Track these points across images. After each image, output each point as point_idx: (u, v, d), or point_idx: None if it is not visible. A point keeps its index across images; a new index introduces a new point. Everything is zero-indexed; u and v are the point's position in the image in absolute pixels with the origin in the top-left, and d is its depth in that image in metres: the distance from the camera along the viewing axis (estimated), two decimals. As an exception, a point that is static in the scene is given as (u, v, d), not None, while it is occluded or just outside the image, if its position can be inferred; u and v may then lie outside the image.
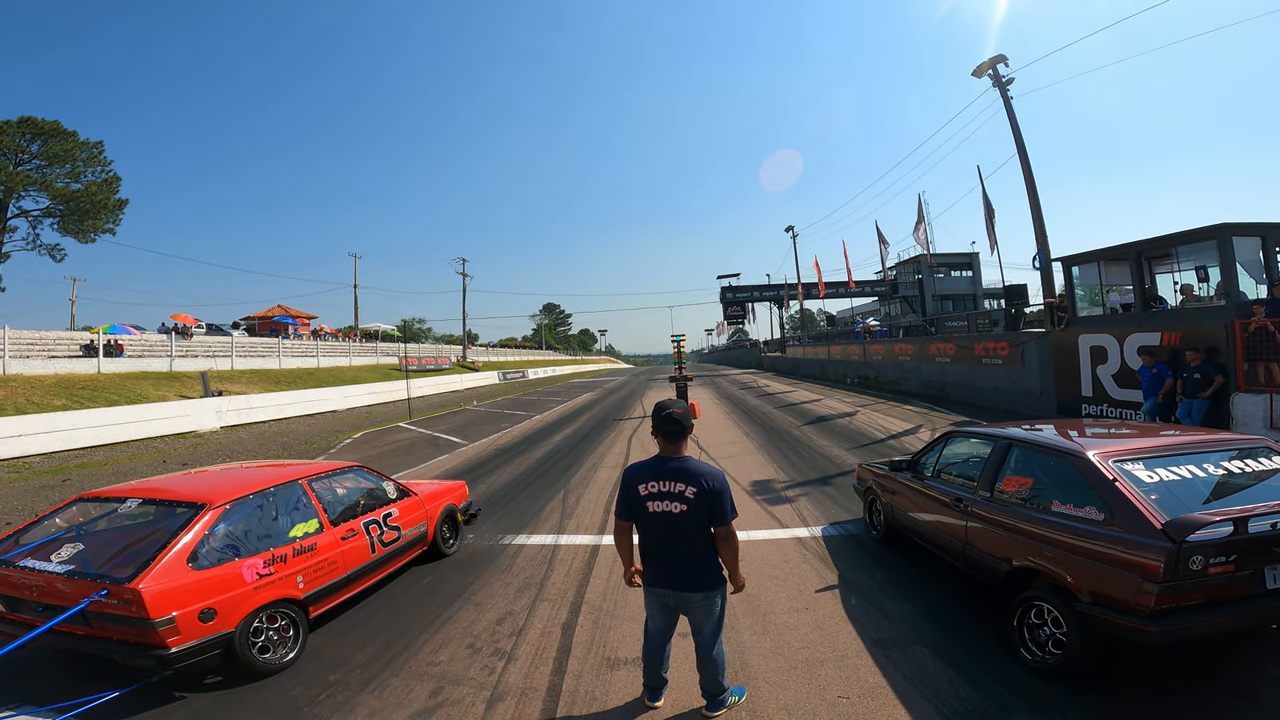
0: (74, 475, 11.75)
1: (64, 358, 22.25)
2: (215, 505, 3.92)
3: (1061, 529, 3.42)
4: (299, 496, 4.54)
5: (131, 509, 4.24)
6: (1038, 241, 16.36)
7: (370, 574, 4.91)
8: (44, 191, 33.09)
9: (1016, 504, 3.86)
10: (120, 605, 3.36)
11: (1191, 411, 10.03)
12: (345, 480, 5.25)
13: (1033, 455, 4.02)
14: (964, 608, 4.24)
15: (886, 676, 3.42)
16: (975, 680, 3.35)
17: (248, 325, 42.39)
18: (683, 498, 2.79)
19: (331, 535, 4.52)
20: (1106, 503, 3.25)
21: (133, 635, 3.42)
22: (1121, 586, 3.03)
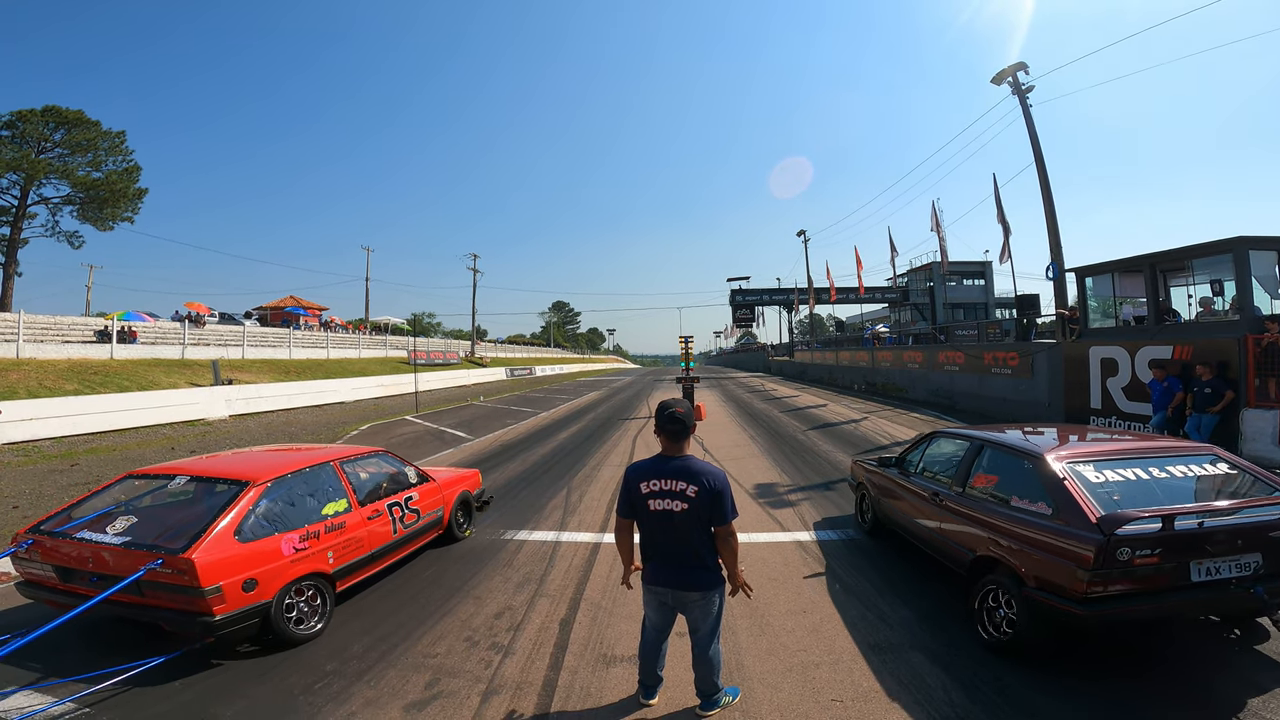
0: (83, 460, 11.88)
1: (78, 343, 22.52)
2: (258, 483, 4.19)
3: (1017, 521, 3.76)
4: (330, 478, 4.83)
5: (179, 485, 4.51)
6: (1052, 252, 16.24)
7: (391, 553, 5.18)
8: (65, 179, 33.44)
9: (983, 499, 4.21)
10: (173, 574, 3.60)
11: (1200, 426, 9.94)
12: (371, 464, 5.48)
13: (1000, 455, 4.36)
14: (961, 614, 4.21)
15: (880, 681, 3.41)
16: (969, 686, 3.34)
17: (260, 315, 42.80)
18: (684, 496, 2.79)
19: (359, 515, 4.80)
20: (1054, 498, 3.59)
21: (182, 603, 3.64)
22: (1060, 573, 3.35)
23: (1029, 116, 17.22)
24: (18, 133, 31.84)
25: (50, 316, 23.94)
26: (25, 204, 33.07)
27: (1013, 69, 17.69)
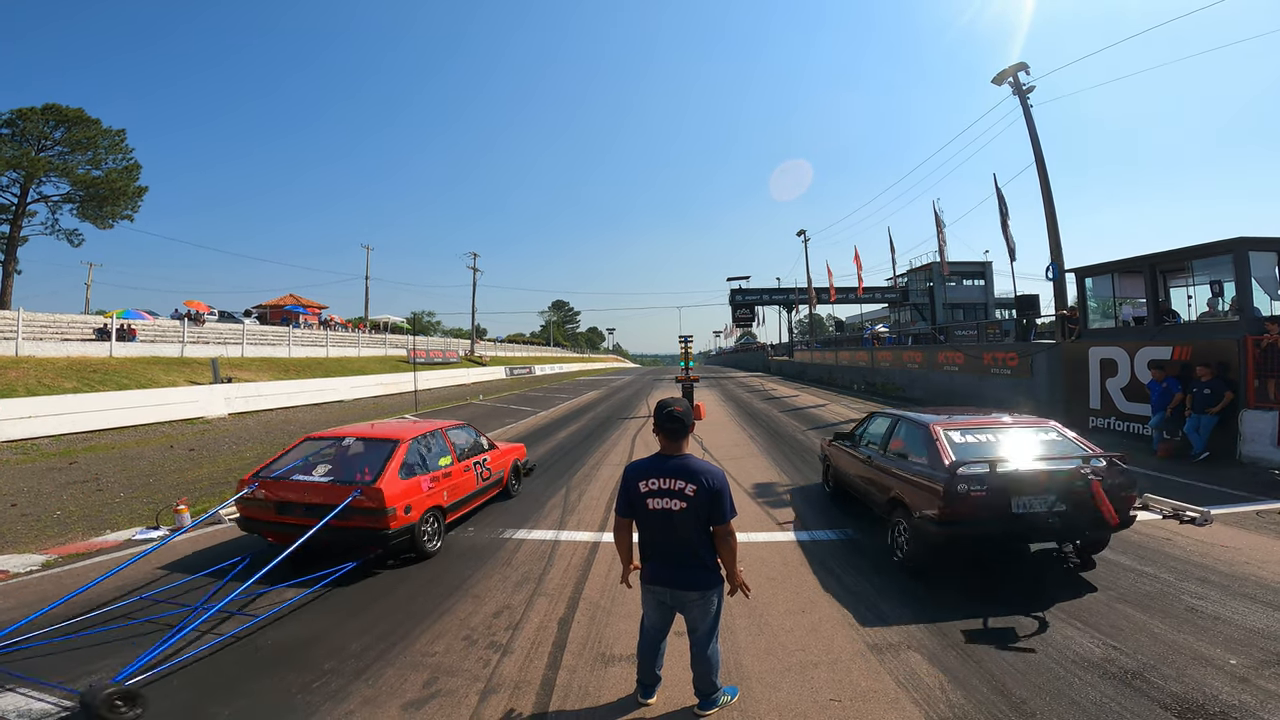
0: (81, 458, 11.88)
1: (77, 341, 22.50)
2: (405, 440, 5.90)
3: (911, 470, 5.24)
4: (440, 440, 6.62)
5: (349, 444, 6.25)
6: (1052, 252, 16.24)
7: (475, 499, 7.02)
8: (65, 177, 33.44)
9: (895, 457, 5.74)
10: (367, 500, 5.14)
11: (1199, 427, 9.96)
12: (461, 433, 7.27)
13: (907, 426, 5.86)
14: (961, 615, 4.22)
15: (879, 681, 3.41)
16: (967, 687, 3.34)
17: (259, 313, 42.77)
18: (682, 495, 2.79)
19: (459, 467, 6.60)
20: (929, 452, 5.08)
21: (370, 522, 5.14)
22: (929, 503, 4.78)
23: (1029, 117, 17.22)
24: (18, 131, 31.83)
25: (49, 314, 23.91)
26: (25, 202, 33.06)
27: (1013, 69, 17.68)
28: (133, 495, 8.62)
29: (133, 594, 4.84)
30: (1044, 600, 4.45)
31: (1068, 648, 3.76)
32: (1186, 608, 4.28)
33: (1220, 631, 3.90)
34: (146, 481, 9.60)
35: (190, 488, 9.07)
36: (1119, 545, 5.62)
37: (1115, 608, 4.31)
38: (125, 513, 7.62)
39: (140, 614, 4.43)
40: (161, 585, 5.09)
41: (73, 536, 6.65)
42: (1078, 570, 5.09)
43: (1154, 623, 4.05)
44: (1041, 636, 3.90)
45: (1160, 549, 5.54)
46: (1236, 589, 4.58)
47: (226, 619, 4.28)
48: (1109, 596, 4.51)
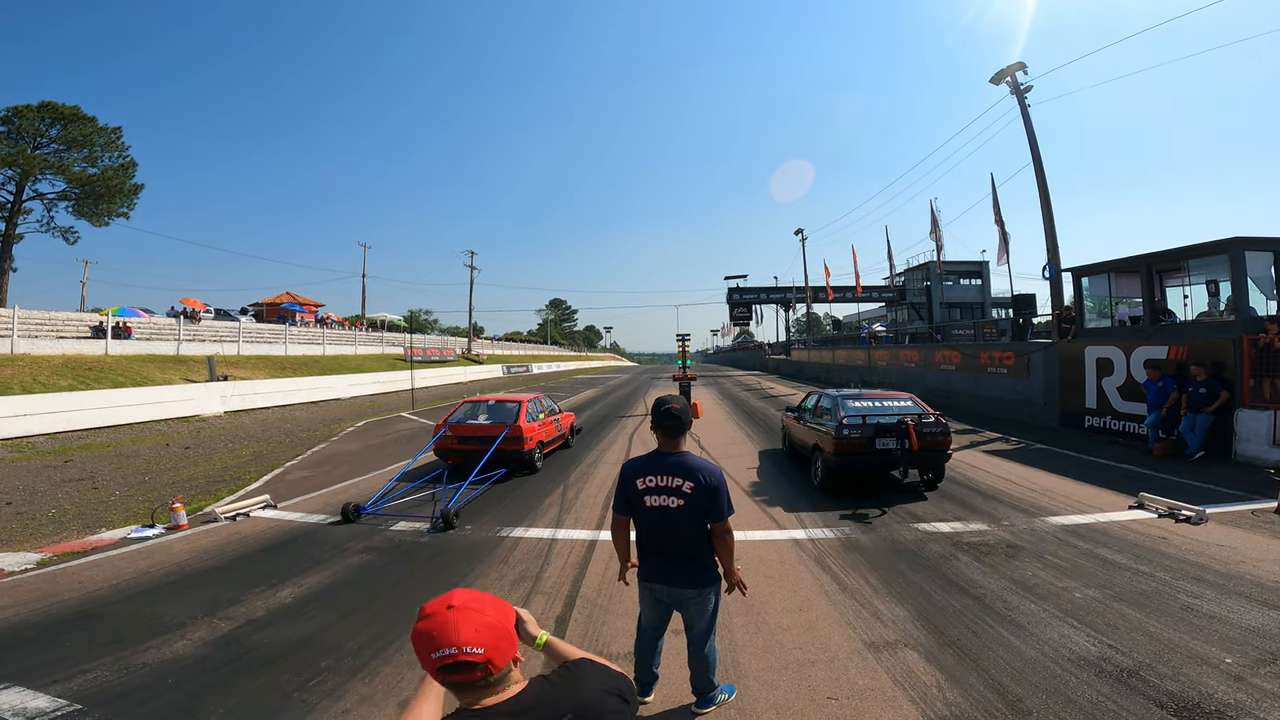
0: (76, 456, 11.84)
1: (72, 338, 22.40)
2: (525, 401, 10.09)
3: (824, 426, 8.16)
4: (538, 403, 10.66)
5: (493, 403, 10.18)
6: (1049, 252, 16.27)
7: (554, 443, 11.18)
8: (60, 175, 33.27)
9: (819, 418, 8.67)
10: (513, 431, 9.17)
11: (1195, 426, 9.98)
12: (546, 400, 11.33)
13: (826, 398, 8.91)
14: (957, 614, 4.23)
15: (875, 679, 3.41)
16: (964, 684, 3.34)
17: (256, 311, 42.59)
18: (680, 492, 2.78)
19: (547, 420, 10.72)
20: (834, 414, 8.02)
21: (515, 446, 9.12)
22: (830, 445, 7.72)
23: (1027, 116, 17.24)
24: (13, 128, 31.65)
25: (45, 312, 23.78)
26: (20, 199, 32.89)
27: (1012, 69, 17.71)
28: (128, 493, 8.59)
29: (129, 593, 4.83)
30: (887, 502, 7.45)
31: (1064, 646, 3.76)
32: (1182, 606, 4.28)
33: (1216, 630, 3.91)
34: (142, 479, 9.56)
35: (186, 486, 9.04)
36: (1115, 544, 5.66)
37: (1111, 606, 4.31)
38: (121, 511, 7.59)
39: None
40: (155, 584, 5.07)
41: (68, 535, 6.63)
42: (923, 489, 8.08)
43: (1150, 621, 4.06)
44: (1037, 635, 3.90)
45: (1156, 548, 5.55)
46: (1232, 588, 4.59)
47: (219, 620, 4.27)
48: (1105, 595, 4.51)
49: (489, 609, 1.26)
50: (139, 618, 4.38)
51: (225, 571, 5.34)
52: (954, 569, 5.14)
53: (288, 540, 6.27)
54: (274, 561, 5.57)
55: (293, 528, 6.74)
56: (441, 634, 1.19)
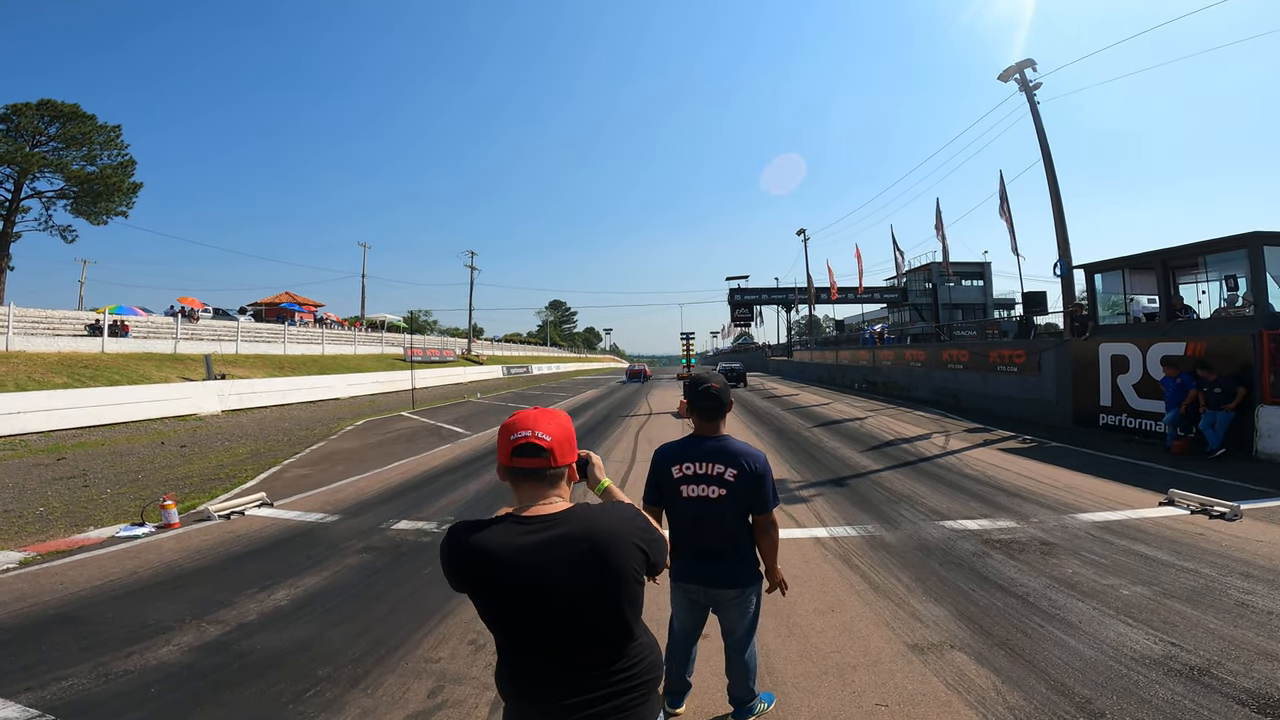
0: (70, 454, 11.55)
1: (69, 336, 22.13)
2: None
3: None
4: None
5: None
6: (1060, 249, 16.02)
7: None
8: (59, 173, 32.94)
9: None
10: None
11: (1215, 423, 9.81)
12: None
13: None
14: (1001, 613, 3.96)
15: (926, 683, 3.14)
16: (1024, 687, 3.09)
17: (254, 311, 42.32)
18: (721, 481, 2.49)
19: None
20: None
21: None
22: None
23: (1036, 113, 17.01)
24: (12, 126, 31.31)
25: (41, 310, 23.51)
26: (19, 197, 32.55)
27: (1020, 65, 17.48)
28: (119, 491, 8.30)
29: (118, 593, 4.54)
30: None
31: (1123, 644, 3.52)
32: (1236, 602, 4.05)
33: (1279, 626, 3.68)
34: (135, 478, 9.27)
35: (180, 484, 8.75)
36: (1152, 541, 5.42)
37: (1164, 603, 4.07)
38: (111, 509, 7.30)
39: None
40: (142, 585, 4.78)
41: (54, 533, 6.34)
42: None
43: (1207, 618, 3.82)
44: (1092, 634, 3.67)
45: (1195, 544, 5.32)
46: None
47: (208, 623, 3.99)
48: (1154, 592, 4.27)
49: (563, 420, 1.51)
50: (123, 620, 4.09)
51: (217, 572, 5.05)
52: (989, 567, 4.87)
53: (284, 539, 5.98)
54: (269, 561, 5.27)
55: (289, 526, 6.45)
56: (522, 421, 1.44)
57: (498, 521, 1.39)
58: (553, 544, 1.33)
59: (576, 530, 1.36)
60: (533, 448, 1.40)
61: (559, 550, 1.33)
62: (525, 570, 1.31)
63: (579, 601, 1.34)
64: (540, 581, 1.32)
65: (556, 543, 1.34)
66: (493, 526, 1.37)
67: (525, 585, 1.32)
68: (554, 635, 1.34)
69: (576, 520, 1.38)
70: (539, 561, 1.32)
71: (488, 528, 1.37)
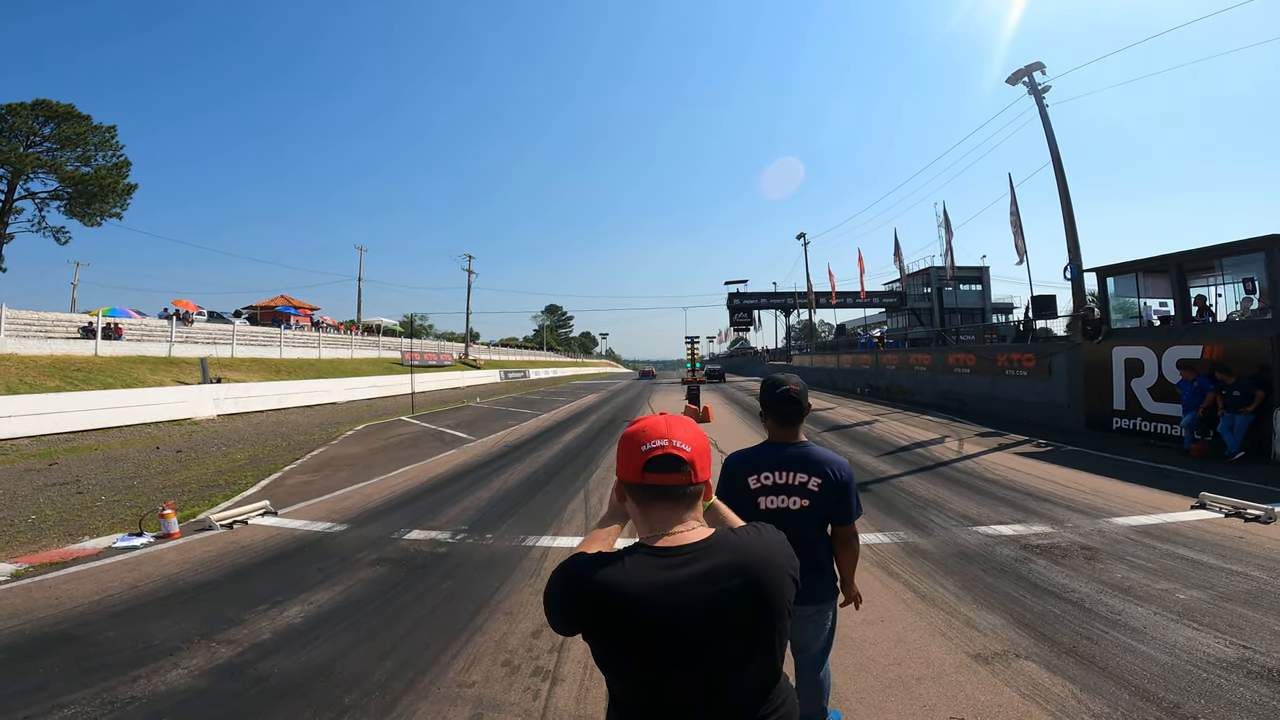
0: (62, 459, 11.22)
1: (61, 339, 21.75)
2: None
3: None
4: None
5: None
6: (1070, 252, 15.91)
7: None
8: (53, 174, 32.56)
9: None
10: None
11: (1234, 426, 9.68)
12: None
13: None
14: (1059, 620, 3.77)
15: (999, 694, 2.97)
16: (1104, 694, 2.93)
17: (250, 314, 41.93)
18: (804, 491, 2.26)
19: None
20: None
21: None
22: None
23: (1045, 116, 16.93)
24: (6, 126, 30.93)
25: (34, 312, 23.11)
26: (12, 199, 32.18)
27: (1029, 69, 17.41)
28: (115, 498, 8.00)
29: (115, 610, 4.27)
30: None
31: (1195, 649, 3.38)
32: (1297, 604, 3.92)
33: (1347, 627, 3.55)
34: (130, 484, 8.97)
35: (178, 491, 8.46)
36: (1193, 544, 5.29)
37: (1223, 607, 3.94)
38: (106, 517, 7.02)
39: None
40: (144, 601, 4.51)
41: (47, 543, 6.05)
42: None
43: (1270, 621, 3.70)
44: (1160, 639, 3.55)
45: (1238, 547, 5.19)
46: (1337, 584, 4.25)
47: (219, 643, 3.74)
48: (1211, 595, 4.14)
49: (695, 426, 1.27)
50: (126, 640, 3.82)
51: (223, 586, 4.78)
52: (1035, 573, 4.68)
53: (291, 550, 5.71)
54: (278, 575, 5.01)
55: (296, 536, 6.18)
56: (653, 429, 1.22)
57: (626, 554, 1.16)
58: (701, 580, 1.12)
59: (727, 562, 1.15)
60: (672, 460, 1.18)
61: (709, 587, 1.12)
62: (668, 612, 1.10)
63: (731, 646, 1.14)
64: (688, 626, 1.11)
65: (705, 579, 1.12)
66: (623, 561, 1.15)
67: (669, 631, 1.10)
68: (699, 687, 1.13)
69: (725, 550, 1.17)
70: (685, 602, 1.11)
71: (617, 563, 1.14)
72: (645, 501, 1.21)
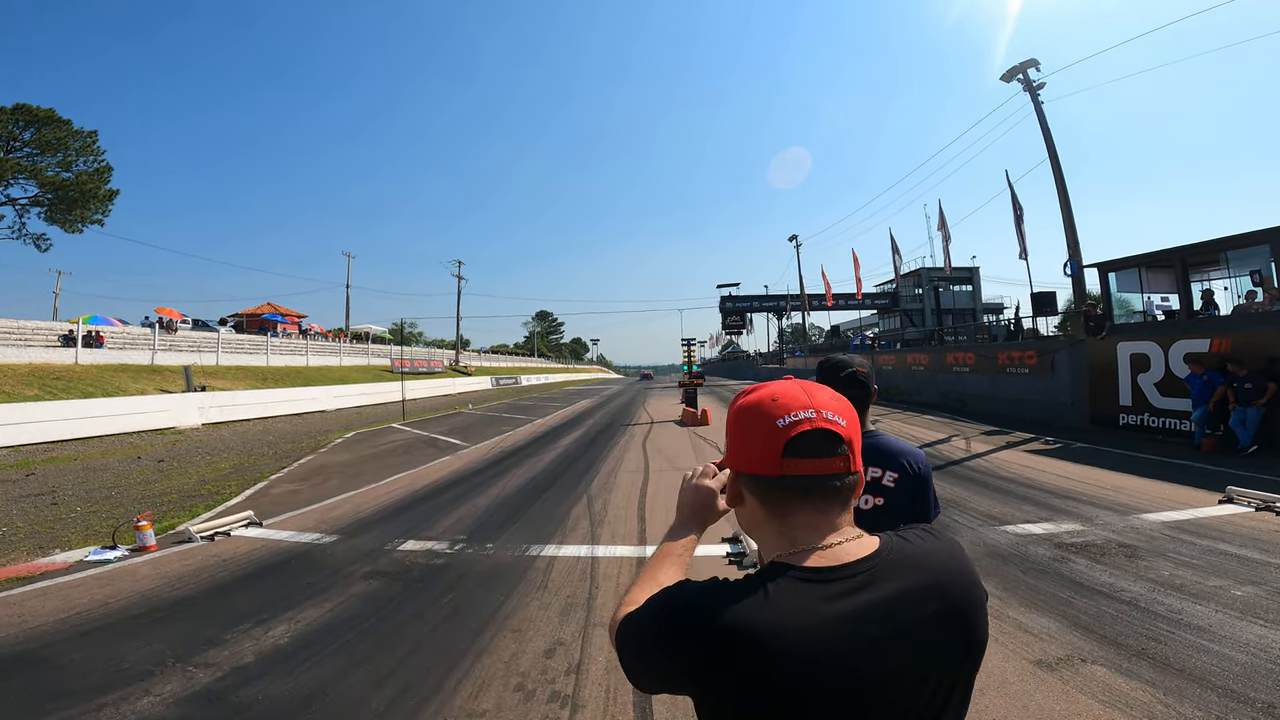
0: (39, 470, 10.74)
1: (40, 347, 21.13)
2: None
3: None
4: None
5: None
6: (1070, 248, 15.77)
7: None
8: (33, 180, 31.88)
9: None
10: None
11: (1245, 420, 9.53)
12: None
13: None
14: (1117, 621, 3.52)
15: (1073, 702, 2.72)
16: (1189, 697, 2.72)
17: (235, 322, 41.19)
18: (878, 487, 1.93)
19: None
20: None
21: None
22: None
23: (1041, 112, 16.82)
24: (-15, 131, 30.30)
25: (13, 320, 22.49)
26: (-11, 205, 31.48)
27: (1023, 65, 17.31)
28: (91, 510, 7.57)
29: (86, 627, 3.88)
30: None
31: (1271, 647, 3.19)
32: (1360, 597, 3.72)
33: None
34: (108, 495, 8.53)
35: (157, 501, 8.03)
36: (1232, 539, 5.08)
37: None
38: (80, 529, 6.59)
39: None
40: (115, 619, 4.12)
41: (15, 557, 5.62)
42: None
43: None
44: (1230, 637, 3.34)
45: (1277, 541, 4.99)
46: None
47: (196, 667, 3.36)
48: (1267, 591, 3.95)
49: (836, 393, 0.90)
50: (93, 663, 3.45)
51: (202, 603, 4.39)
52: (1077, 572, 4.42)
53: (278, 563, 5.32)
54: (262, 590, 4.62)
55: (282, 548, 5.79)
56: (789, 396, 0.86)
57: (766, 580, 0.80)
58: (885, 613, 0.78)
59: (918, 584, 0.81)
60: (826, 439, 0.83)
61: (897, 621, 0.78)
62: (843, 662, 0.75)
63: (927, 703, 0.80)
64: (873, 680, 0.76)
65: (889, 610, 0.78)
66: (764, 591, 0.78)
67: (844, 689, 0.75)
68: None
69: (908, 566, 0.83)
70: (866, 645, 0.76)
71: (755, 594, 0.78)
72: (783, 501, 0.84)
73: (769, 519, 0.86)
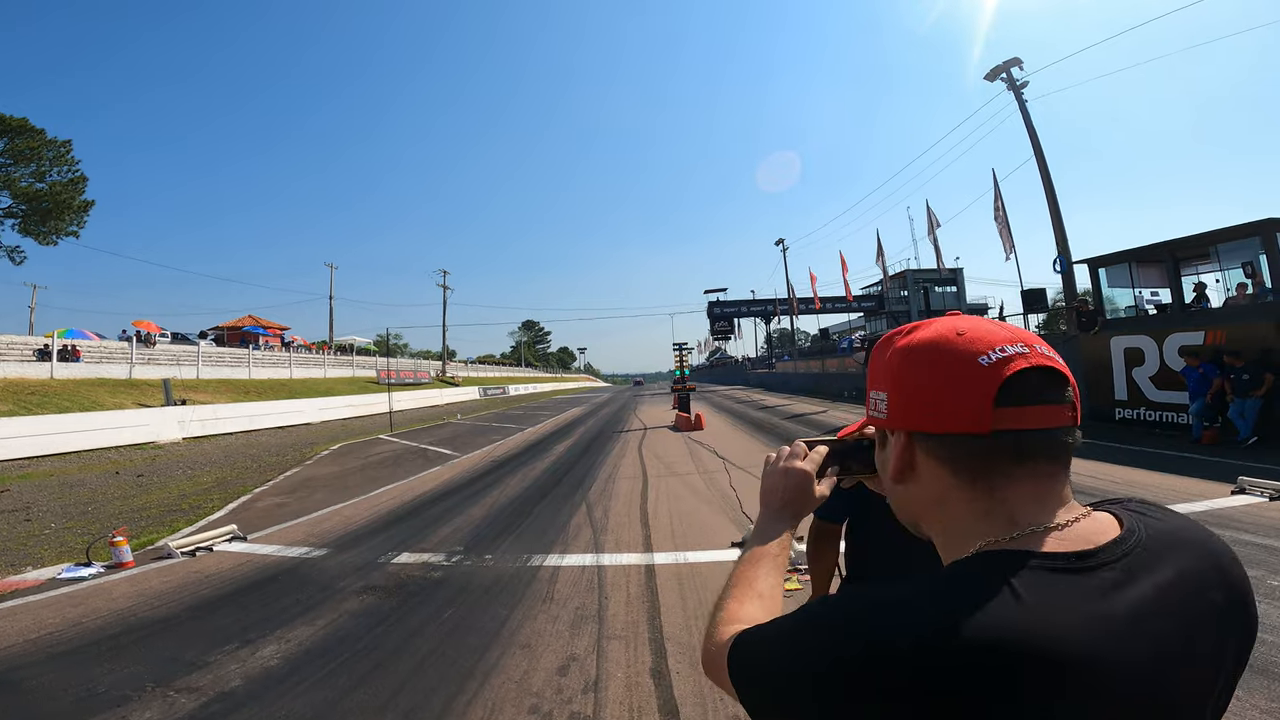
0: (14, 486, 10.30)
1: (15, 361, 20.51)
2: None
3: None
4: None
5: None
6: (1058, 245, 15.83)
7: None
8: (6, 190, 31.08)
9: None
10: None
11: (1244, 411, 9.53)
12: None
13: None
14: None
15: None
16: (1259, 689, 2.63)
17: (216, 335, 40.43)
18: None
19: None
20: None
21: None
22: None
23: (1025, 110, 16.93)
24: (-45, 142, 29.53)
25: (-18, 336, 21.86)
26: (-41, 218, 30.65)
27: (1006, 64, 17.44)
28: (65, 526, 7.21)
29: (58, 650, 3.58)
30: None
31: None
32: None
33: None
34: (84, 510, 8.15)
35: (136, 516, 7.67)
36: (1263, 530, 4.99)
37: (1319, 591, 3.61)
38: (54, 546, 6.24)
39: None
40: (89, 640, 3.82)
41: (-18, 579, 5.29)
42: None
43: None
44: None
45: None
46: None
47: (178, 692, 3.09)
48: None
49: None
50: (65, 687, 3.17)
51: (183, 623, 4.10)
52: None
53: (264, 580, 5.02)
54: (248, 608, 4.33)
55: (268, 564, 5.49)
56: (981, 329, 0.63)
57: (1001, 569, 0.56)
58: (1170, 604, 0.57)
59: (1194, 568, 0.60)
60: (1049, 378, 0.61)
61: (1188, 614, 0.58)
62: (1141, 670, 0.53)
63: (1213, 712, 0.60)
64: (1169, 689, 0.55)
65: (1171, 601, 0.57)
66: (1010, 588, 0.53)
67: (1141, 699, 0.53)
68: None
69: (1171, 546, 0.61)
70: (1158, 643, 0.55)
71: (1001, 589, 0.53)
72: (993, 468, 0.61)
73: (970, 495, 0.62)
